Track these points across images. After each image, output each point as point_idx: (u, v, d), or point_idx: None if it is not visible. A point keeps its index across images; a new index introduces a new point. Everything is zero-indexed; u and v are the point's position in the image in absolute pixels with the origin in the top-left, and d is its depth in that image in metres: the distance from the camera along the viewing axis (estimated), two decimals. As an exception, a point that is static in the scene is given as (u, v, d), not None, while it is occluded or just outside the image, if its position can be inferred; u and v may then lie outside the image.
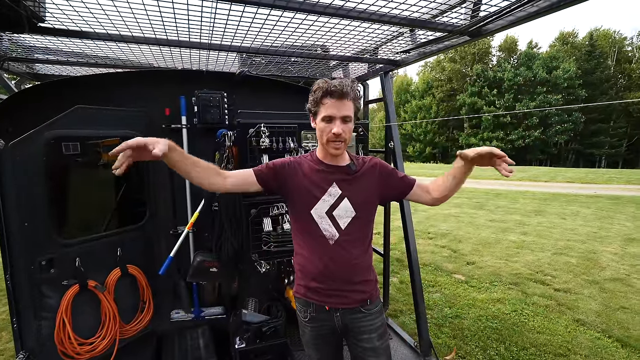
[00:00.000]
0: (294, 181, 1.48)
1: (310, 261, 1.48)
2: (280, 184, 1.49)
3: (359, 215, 1.46)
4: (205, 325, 2.77)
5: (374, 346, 1.48)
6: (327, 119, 1.36)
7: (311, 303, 1.50)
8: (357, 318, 1.48)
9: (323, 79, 1.39)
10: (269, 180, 1.47)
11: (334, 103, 1.35)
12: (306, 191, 1.46)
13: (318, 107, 1.39)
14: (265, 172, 1.47)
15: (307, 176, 1.47)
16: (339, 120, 1.36)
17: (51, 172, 2.08)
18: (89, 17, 1.72)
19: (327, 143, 1.40)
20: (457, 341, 3.35)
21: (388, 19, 1.75)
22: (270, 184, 1.48)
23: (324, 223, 1.44)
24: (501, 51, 40.83)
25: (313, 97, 1.40)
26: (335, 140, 1.38)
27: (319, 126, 1.41)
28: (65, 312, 2.05)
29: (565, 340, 3.37)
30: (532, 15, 1.68)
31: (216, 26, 1.88)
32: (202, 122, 2.64)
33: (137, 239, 2.56)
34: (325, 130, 1.38)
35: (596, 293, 4.44)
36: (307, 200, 1.46)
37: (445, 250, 6.28)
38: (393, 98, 2.88)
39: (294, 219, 1.55)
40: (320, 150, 1.52)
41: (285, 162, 1.51)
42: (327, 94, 1.35)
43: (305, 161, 1.53)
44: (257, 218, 2.56)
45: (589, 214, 9.26)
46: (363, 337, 1.48)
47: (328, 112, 1.35)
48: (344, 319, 1.48)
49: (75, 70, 3.00)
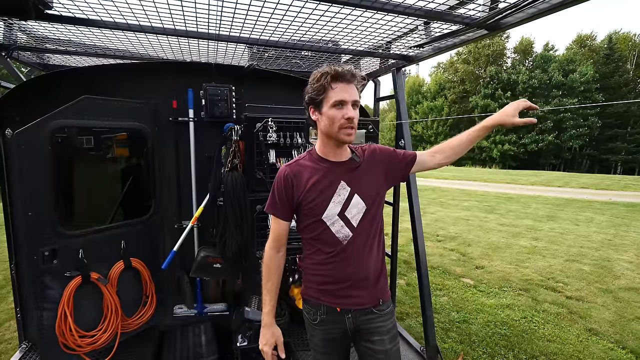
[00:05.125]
0: (299, 191, 1.39)
1: (321, 263, 1.41)
2: (293, 203, 1.42)
3: (370, 208, 1.41)
4: (207, 321, 2.74)
5: (385, 349, 1.41)
6: (339, 103, 1.29)
7: (322, 304, 1.43)
8: (370, 319, 1.42)
9: (322, 68, 1.33)
10: (291, 211, 1.45)
11: (345, 87, 1.30)
12: (314, 196, 1.37)
13: (325, 94, 1.31)
14: (288, 209, 1.44)
15: (312, 180, 1.38)
16: (350, 104, 1.31)
17: (56, 162, 2.07)
18: (97, 5, 1.69)
19: (338, 130, 1.31)
20: (465, 347, 3.26)
21: (402, 9, 1.68)
22: (293, 212, 1.47)
23: (336, 225, 1.37)
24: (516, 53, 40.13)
25: (318, 84, 1.31)
26: (348, 126, 1.31)
27: (328, 114, 1.31)
28: (67, 303, 2.04)
29: (577, 350, 3.25)
30: (554, 7, 1.58)
31: (224, 16, 1.83)
32: (209, 115, 2.60)
33: (142, 233, 2.54)
34: (337, 116, 1.30)
35: (610, 302, 4.29)
36: (316, 207, 1.37)
37: (454, 253, 6.16)
38: (405, 95, 2.80)
39: (303, 227, 1.46)
40: (322, 146, 1.42)
41: (282, 178, 1.41)
42: (336, 78, 1.29)
43: (304, 163, 1.43)
44: (262, 214, 2.51)
45: (603, 220, 9.00)
46: (375, 339, 1.42)
47: (339, 96, 1.29)
48: (355, 320, 1.42)
49: (84, 60, 3.00)
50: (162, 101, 2.59)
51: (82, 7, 1.71)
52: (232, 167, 2.47)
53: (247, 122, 2.45)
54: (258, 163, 2.50)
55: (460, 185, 15.98)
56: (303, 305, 1.53)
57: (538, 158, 34.28)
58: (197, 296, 2.78)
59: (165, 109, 2.61)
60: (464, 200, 12.02)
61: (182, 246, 2.59)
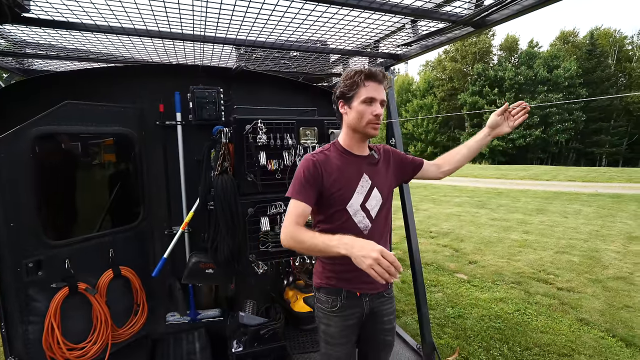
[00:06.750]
0: (328, 179, 1.42)
1: None
2: (317, 190, 1.43)
3: (385, 202, 1.53)
4: (201, 328, 2.70)
5: (391, 327, 1.62)
6: (369, 100, 1.40)
7: (342, 290, 1.50)
8: (381, 302, 1.57)
9: (355, 67, 1.47)
10: (315, 197, 1.43)
11: (376, 86, 1.40)
12: (340, 186, 1.43)
13: (357, 90, 1.41)
14: (313, 196, 1.40)
15: (339, 169, 1.45)
16: (379, 102, 1.42)
17: (39, 169, 2.01)
18: (76, 7, 1.64)
19: (366, 125, 1.42)
20: (460, 341, 3.28)
21: (389, 7, 1.67)
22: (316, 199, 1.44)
23: (358, 216, 1.46)
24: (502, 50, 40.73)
25: (351, 81, 1.41)
26: (375, 122, 1.42)
27: (358, 109, 1.41)
28: (54, 316, 1.98)
29: (569, 340, 3.30)
30: (538, 4, 1.60)
31: (209, 17, 1.80)
32: (197, 118, 2.56)
33: (131, 240, 2.48)
34: (367, 111, 1.40)
35: (599, 292, 4.37)
36: (342, 195, 1.44)
37: (447, 249, 6.21)
38: (395, 94, 2.81)
39: (324, 217, 1.48)
40: (348, 139, 1.51)
41: (311, 164, 1.43)
42: (370, 77, 1.40)
43: (330, 154, 1.49)
44: (254, 217, 2.48)
45: (590, 212, 9.18)
46: (385, 320, 1.59)
47: (370, 94, 1.39)
48: (372, 303, 1.54)
49: (67, 65, 2.92)
50: (148, 105, 2.54)
51: (61, 9, 1.66)
52: (222, 170, 2.44)
53: (236, 124, 2.41)
54: (248, 165, 2.47)
55: (452, 182, 16.13)
56: (319, 295, 1.57)
57: (526, 153, 34.88)
58: (189, 303, 2.73)
59: (152, 113, 2.55)
60: (455, 196, 12.14)
61: (173, 252, 2.54)
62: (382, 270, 1.06)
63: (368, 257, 1.08)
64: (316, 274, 1.59)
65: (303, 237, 1.28)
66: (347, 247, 1.16)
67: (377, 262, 1.06)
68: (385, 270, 1.05)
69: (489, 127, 1.66)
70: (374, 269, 1.06)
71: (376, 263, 1.06)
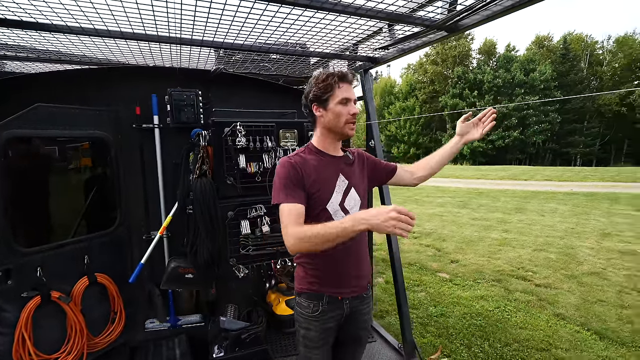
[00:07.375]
0: (308, 181, 1.42)
1: (323, 257, 1.45)
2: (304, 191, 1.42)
3: (363, 201, 1.55)
4: (182, 334, 2.65)
5: (368, 324, 1.67)
6: (345, 100, 1.44)
7: (324, 295, 1.50)
8: (360, 302, 1.59)
9: (324, 70, 1.48)
10: (304, 197, 1.41)
11: (348, 87, 1.46)
12: (319, 186, 1.44)
13: (332, 92, 1.44)
14: (302, 195, 1.39)
15: (316, 170, 1.46)
16: (353, 102, 1.47)
17: (8, 174, 1.93)
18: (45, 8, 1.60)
19: (344, 125, 1.46)
20: (443, 340, 3.33)
21: (364, 12, 1.70)
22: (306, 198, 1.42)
23: (338, 215, 1.46)
24: (481, 54, 41.86)
25: (325, 84, 1.44)
26: (352, 121, 1.47)
27: (335, 110, 1.44)
28: (24, 326, 1.90)
29: (547, 335, 3.41)
30: (507, 9, 1.66)
31: (185, 19, 1.79)
32: (175, 121, 2.53)
33: (107, 246, 2.42)
34: (344, 112, 1.44)
35: (575, 287, 4.53)
36: (322, 195, 1.45)
37: (429, 249, 6.31)
38: (373, 96, 2.85)
39: (306, 220, 1.44)
40: (322, 140, 1.53)
41: (291, 167, 1.41)
42: (342, 78, 1.45)
43: (306, 156, 1.49)
44: (235, 220, 2.46)
45: (566, 210, 9.52)
46: (363, 319, 1.61)
47: (345, 94, 1.44)
48: (351, 305, 1.55)
49: (38, 67, 2.83)
50: (124, 107, 2.48)
51: (29, 10, 1.62)
52: (200, 173, 2.41)
53: (215, 126, 2.40)
54: (228, 168, 2.45)
55: (434, 182, 16.42)
56: (300, 299, 1.55)
57: (505, 153, 35.90)
58: (169, 309, 2.68)
59: (128, 116, 2.50)
60: (438, 197, 12.35)
61: (152, 257, 2.49)
62: (405, 225, 1.09)
63: (387, 220, 1.10)
64: (298, 279, 1.58)
65: (312, 231, 1.24)
66: (364, 221, 1.15)
67: (398, 220, 1.09)
68: (407, 223, 1.10)
69: (458, 135, 1.73)
70: (399, 228, 1.09)
71: (398, 221, 1.09)
